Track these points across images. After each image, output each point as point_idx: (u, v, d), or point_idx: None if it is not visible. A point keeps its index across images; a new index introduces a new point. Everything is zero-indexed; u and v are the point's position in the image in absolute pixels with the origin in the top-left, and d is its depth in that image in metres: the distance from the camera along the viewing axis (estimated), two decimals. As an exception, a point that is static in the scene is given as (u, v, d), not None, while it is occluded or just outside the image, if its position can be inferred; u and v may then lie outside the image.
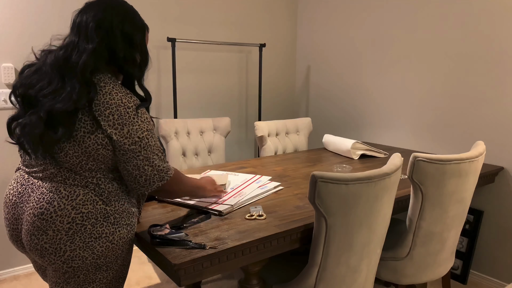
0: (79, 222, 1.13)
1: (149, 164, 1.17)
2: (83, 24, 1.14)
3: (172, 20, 2.82)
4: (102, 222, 1.16)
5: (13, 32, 2.26)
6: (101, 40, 1.13)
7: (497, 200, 2.30)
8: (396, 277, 1.73)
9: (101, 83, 1.12)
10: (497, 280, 2.34)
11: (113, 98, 1.11)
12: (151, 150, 1.17)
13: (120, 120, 1.12)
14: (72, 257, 1.14)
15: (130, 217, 1.23)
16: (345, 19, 3.08)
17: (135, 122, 1.14)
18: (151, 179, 1.18)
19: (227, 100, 3.23)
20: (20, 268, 2.47)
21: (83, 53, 1.11)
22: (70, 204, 1.13)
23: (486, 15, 2.25)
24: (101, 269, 1.19)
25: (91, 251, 1.15)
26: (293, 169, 2.12)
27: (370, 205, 1.30)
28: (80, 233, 1.13)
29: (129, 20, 1.19)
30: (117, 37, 1.16)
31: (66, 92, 1.08)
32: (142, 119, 1.16)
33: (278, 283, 1.52)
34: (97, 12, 1.15)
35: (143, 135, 1.15)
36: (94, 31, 1.13)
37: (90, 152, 1.13)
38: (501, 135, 2.25)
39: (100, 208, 1.16)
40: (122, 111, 1.12)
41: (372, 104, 2.96)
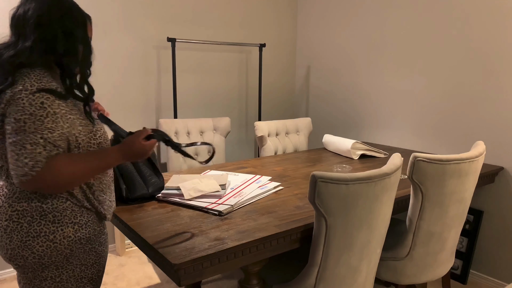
0: (15, 220, 1.13)
1: (16, 152, 1.04)
2: (21, 19, 1.11)
3: (172, 20, 2.82)
4: (39, 220, 1.13)
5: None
6: (39, 37, 1.10)
7: (497, 200, 2.30)
8: (396, 277, 1.73)
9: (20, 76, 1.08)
10: (497, 280, 2.34)
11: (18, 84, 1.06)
12: (24, 137, 1.04)
13: (11, 100, 1.05)
14: (13, 256, 1.14)
15: (79, 216, 1.17)
16: (345, 19, 3.08)
17: (21, 103, 1.04)
18: (15, 169, 1.05)
19: (227, 100, 3.23)
20: (20, 268, 2.47)
21: (16, 47, 1.09)
22: (7, 201, 1.14)
23: (486, 15, 2.25)
24: (49, 268, 1.17)
25: (30, 250, 1.13)
26: (293, 169, 2.12)
27: (370, 205, 1.30)
28: (16, 231, 1.13)
29: (69, 16, 1.15)
30: (57, 33, 1.12)
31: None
32: (33, 102, 1.04)
33: (278, 283, 1.52)
34: (37, 8, 1.11)
35: (21, 117, 1.03)
36: (33, 29, 1.10)
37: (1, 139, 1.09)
38: (501, 135, 2.25)
39: (35, 206, 1.13)
40: (16, 92, 1.05)
41: (372, 104, 2.96)
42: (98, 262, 1.26)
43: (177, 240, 1.22)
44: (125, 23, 2.60)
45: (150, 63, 2.78)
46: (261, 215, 1.43)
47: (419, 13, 2.58)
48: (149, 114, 2.83)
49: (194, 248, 1.16)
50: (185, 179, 1.72)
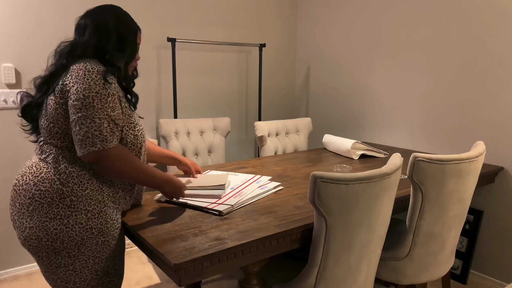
0: (37, 199, 1.19)
1: (85, 124, 1.17)
2: (81, 26, 1.32)
3: (172, 20, 2.82)
4: (57, 202, 1.19)
5: (13, 32, 2.26)
6: (95, 37, 1.28)
7: (497, 200, 2.30)
8: (396, 277, 1.73)
9: (79, 61, 1.24)
10: (497, 280, 2.34)
11: (79, 65, 1.22)
12: (93, 112, 1.17)
13: (76, 79, 1.19)
14: (30, 235, 1.19)
15: (93, 204, 1.23)
16: (345, 19, 3.08)
17: (86, 81, 1.18)
18: (84, 140, 1.17)
19: (227, 100, 3.23)
20: (20, 268, 2.47)
21: (76, 44, 1.29)
22: (33, 180, 1.21)
23: (487, 15, 2.25)
24: (61, 254, 1.21)
25: (45, 231, 1.18)
26: (293, 169, 2.12)
27: (370, 205, 1.30)
28: (37, 211, 1.18)
29: (123, 24, 1.35)
30: (111, 36, 1.30)
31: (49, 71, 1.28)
32: (97, 82, 1.19)
33: (278, 283, 1.52)
34: (96, 17, 1.31)
35: (89, 94, 1.17)
36: (92, 31, 1.29)
37: (52, 113, 1.22)
38: (501, 135, 2.25)
39: (56, 188, 1.19)
40: (81, 73, 1.20)
41: (372, 104, 2.96)
42: (114, 256, 1.31)
43: (177, 240, 1.22)
44: (125, 23, 2.60)
45: (150, 63, 2.78)
46: (261, 215, 1.43)
47: (419, 13, 2.58)
48: (149, 114, 2.83)
49: (194, 248, 1.16)
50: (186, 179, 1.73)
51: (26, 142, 2.38)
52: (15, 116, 2.33)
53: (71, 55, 1.27)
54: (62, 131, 1.23)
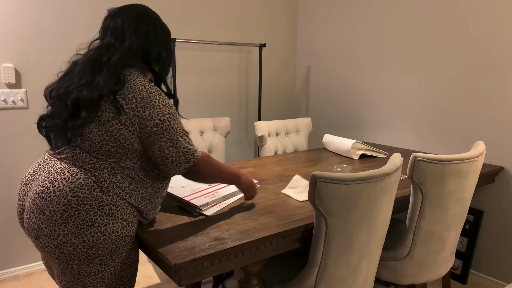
0: (74, 205, 1.14)
1: (174, 146, 1.21)
2: (118, 27, 1.26)
3: (172, 20, 2.82)
4: (96, 210, 1.15)
5: (13, 32, 2.26)
6: (138, 42, 1.26)
7: (497, 200, 2.30)
8: (396, 277, 1.73)
9: (129, 74, 1.21)
10: (497, 280, 2.34)
11: (137, 84, 1.20)
12: (174, 132, 1.22)
13: (142, 103, 1.18)
14: (64, 242, 1.15)
15: (128, 213, 1.22)
16: (345, 19, 3.08)
17: (156, 105, 1.20)
18: (177, 160, 1.22)
19: (227, 100, 3.23)
20: (20, 268, 2.47)
21: (118, 51, 1.22)
22: (69, 186, 1.15)
23: (486, 15, 2.25)
24: (93, 261, 1.18)
25: (82, 239, 1.15)
26: (293, 169, 2.12)
27: (370, 205, 1.30)
28: (73, 217, 1.14)
29: (160, 26, 1.34)
30: (151, 41, 1.29)
31: (95, 83, 1.18)
32: (164, 103, 1.22)
33: (278, 283, 1.52)
34: (132, 19, 1.27)
35: (164, 117, 1.20)
36: (132, 34, 1.25)
37: (113, 132, 1.18)
38: (501, 135, 2.25)
39: (96, 195, 1.16)
40: (144, 95, 1.19)
41: (372, 104, 2.96)
42: (136, 261, 1.31)
43: (177, 240, 1.22)
44: (125, 23, 2.60)
45: (150, 63, 2.78)
46: (261, 215, 1.43)
47: (419, 13, 2.58)
48: (149, 114, 2.83)
49: (194, 248, 1.16)
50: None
51: (26, 142, 2.38)
52: (15, 116, 2.33)
53: (122, 65, 1.21)
54: (115, 150, 1.19)
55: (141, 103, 1.18)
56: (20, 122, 2.35)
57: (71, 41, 2.43)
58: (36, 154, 2.41)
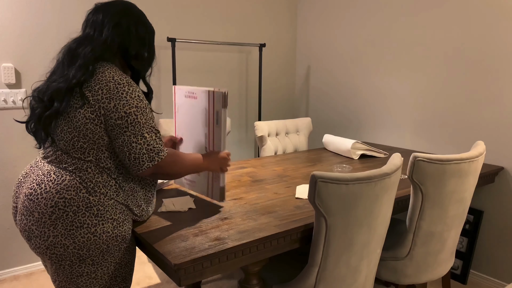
0: (61, 207, 1.14)
1: (137, 142, 1.17)
2: (99, 22, 1.24)
3: (172, 20, 2.82)
4: (84, 211, 1.15)
5: (13, 32, 2.26)
6: (116, 36, 1.24)
7: (497, 200, 2.30)
8: (396, 277, 1.73)
9: (100, 67, 1.19)
10: (497, 280, 2.34)
11: (105, 76, 1.17)
12: (140, 128, 1.17)
13: (108, 94, 1.15)
14: (54, 243, 1.15)
15: (118, 213, 1.21)
16: (345, 19, 3.08)
17: (123, 97, 1.16)
18: (140, 158, 1.18)
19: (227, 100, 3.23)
20: (20, 268, 2.47)
21: (93, 43, 1.21)
22: (55, 188, 1.15)
23: (486, 15, 2.25)
24: (85, 262, 1.18)
25: (72, 240, 1.15)
26: (293, 169, 2.12)
27: (370, 205, 1.30)
28: (62, 219, 1.14)
29: (142, 24, 1.31)
30: (132, 37, 1.27)
31: (67, 75, 1.17)
32: (133, 95, 1.17)
33: (278, 283, 1.52)
34: (114, 14, 1.25)
35: (130, 110, 1.16)
36: (111, 28, 1.23)
37: (80, 127, 1.16)
38: (501, 135, 2.25)
39: (82, 197, 1.16)
40: (111, 86, 1.16)
41: (372, 104, 2.96)
42: (131, 261, 1.31)
43: (177, 240, 1.22)
44: (125, 23, 2.60)
45: (150, 63, 2.78)
46: (261, 215, 1.43)
47: (419, 13, 2.58)
48: (149, 114, 2.83)
49: (194, 248, 1.16)
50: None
51: (26, 142, 2.38)
52: (15, 116, 2.33)
53: (94, 58, 1.19)
54: (87, 146, 1.18)
55: (107, 94, 1.15)
56: (20, 122, 2.35)
57: (71, 41, 2.43)
58: (36, 154, 2.41)
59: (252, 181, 1.87)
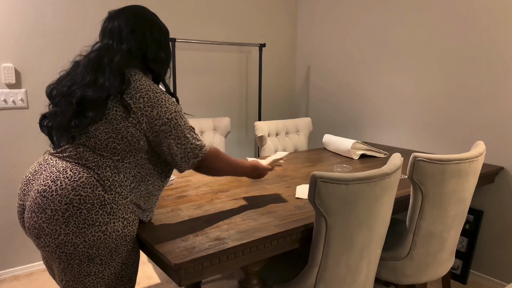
0: (76, 204, 1.14)
1: (181, 143, 1.27)
2: (115, 29, 1.28)
3: (172, 20, 2.82)
4: (97, 209, 1.16)
5: (13, 32, 2.26)
6: (134, 43, 1.27)
7: (497, 200, 2.30)
8: (396, 277, 1.73)
9: (133, 75, 1.24)
10: (497, 280, 2.34)
11: (143, 84, 1.23)
12: (182, 130, 1.27)
13: (150, 102, 1.22)
14: (65, 242, 1.15)
15: (129, 212, 1.22)
16: (345, 19, 3.08)
17: (163, 104, 1.24)
18: (186, 156, 1.29)
19: (227, 100, 3.23)
20: (20, 268, 2.47)
21: (118, 53, 1.24)
22: (71, 185, 1.15)
23: (486, 16, 2.25)
24: (94, 261, 1.18)
25: (82, 238, 1.15)
26: (293, 169, 2.12)
27: (370, 205, 1.30)
28: (75, 216, 1.14)
29: (156, 26, 1.34)
30: (148, 41, 1.30)
31: (99, 83, 1.19)
32: (169, 102, 1.26)
33: (278, 283, 1.52)
34: (128, 20, 1.29)
35: (171, 116, 1.25)
36: (129, 35, 1.27)
37: (120, 130, 1.20)
38: (501, 135, 2.25)
39: (98, 194, 1.16)
40: (151, 95, 1.22)
41: (372, 104, 2.96)
42: (136, 261, 1.32)
43: (177, 240, 1.22)
44: (125, 23, 2.60)
45: (150, 63, 2.78)
46: (261, 215, 1.43)
47: (419, 13, 2.58)
48: (149, 114, 2.83)
49: (194, 248, 1.16)
50: None
51: (26, 142, 2.38)
52: (15, 116, 2.33)
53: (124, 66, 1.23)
54: (121, 148, 1.21)
55: (148, 102, 1.21)
56: (20, 122, 2.35)
57: (71, 41, 2.43)
58: (36, 154, 2.41)
59: (252, 181, 1.87)
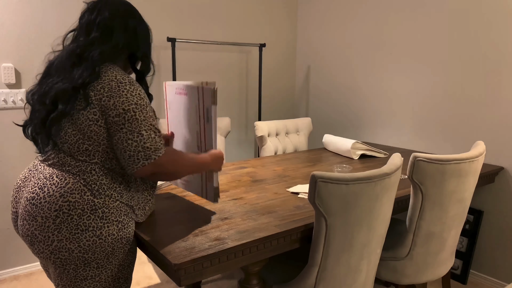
0: (65, 211, 1.13)
1: (133, 139, 1.13)
2: (105, 22, 1.21)
3: (172, 20, 2.82)
4: (89, 214, 1.14)
5: (13, 32, 2.26)
6: (125, 40, 1.23)
7: (497, 200, 2.30)
8: (396, 277, 1.73)
9: (106, 69, 1.18)
10: (497, 280, 2.34)
11: (108, 75, 1.16)
12: (138, 125, 1.13)
13: (109, 92, 1.14)
14: (59, 248, 1.13)
15: (123, 215, 1.21)
16: (345, 19, 3.08)
17: (123, 94, 1.14)
18: (135, 155, 1.13)
19: (227, 100, 3.23)
20: (20, 268, 2.47)
21: (101, 46, 1.19)
22: (59, 191, 1.14)
23: (486, 16, 2.25)
24: (90, 265, 1.17)
25: (77, 243, 1.13)
26: (293, 169, 2.12)
27: (370, 205, 1.30)
28: (66, 223, 1.13)
29: (144, 23, 1.31)
30: (139, 39, 1.27)
31: (71, 76, 1.15)
32: (134, 93, 1.15)
33: (278, 283, 1.52)
34: (120, 14, 1.23)
35: (129, 107, 1.13)
36: (121, 32, 1.22)
37: (84, 129, 1.14)
38: (501, 135, 2.25)
39: (87, 199, 1.14)
40: (113, 85, 1.14)
41: (372, 104, 2.96)
42: (133, 262, 1.31)
43: (177, 240, 1.22)
44: (125, 23, 2.60)
45: (150, 63, 2.78)
46: (261, 215, 1.43)
47: (420, 13, 2.58)
48: (149, 114, 2.83)
49: (194, 248, 1.16)
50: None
51: (25, 142, 2.38)
52: (15, 116, 2.33)
53: (102, 60, 1.18)
54: (92, 149, 1.17)
55: (108, 92, 1.13)
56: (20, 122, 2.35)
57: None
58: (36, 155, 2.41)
59: (252, 181, 1.87)
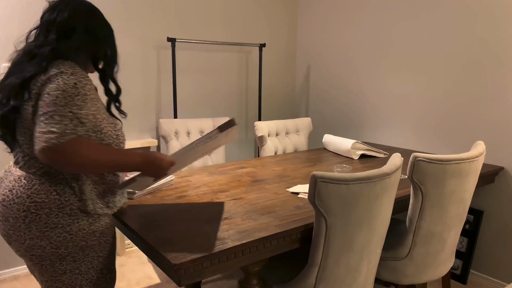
0: (33, 211, 1.16)
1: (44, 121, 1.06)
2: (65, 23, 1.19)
3: (172, 20, 2.82)
4: (57, 212, 1.17)
5: (13, 32, 2.26)
6: (85, 41, 1.21)
7: (497, 200, 2.30)
8: (396, 277, 1.73)
9: (56, 64, 1.14)
10: (497, 280, 2.34)
11: (54, 69, 1.12)
12: (53, 110, 1.06)
13: (47, 81, 1.10)
14: (32, 246, 1.18)
15: (92, 209, 1.22)
16: (345, 19, 3.08)
17: (55, 81, 1.09)
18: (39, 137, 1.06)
19: (227, 100, 3.23)
20: (20, 268, 2.47)
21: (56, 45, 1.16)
22: (26, 193, 1.16)
23: (486, 17, 2.25)
24: (66, 259, 1.20)
25: (48, 240, 1.17)
26: (293, 169, 2.12)
27: (370, 205, 1.30)
28: (35, 222, 1.16)
29: (105, 23, 1.29)
30: (99, 40, 1.25)
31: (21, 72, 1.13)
32: (67, 82, 1.10)
33: (278, 283, 1.52)
34: (81, 15, 1.21)
35: (54, 92, 1.07)
36: (82, 33, 1.20)
37: (30, 126, 1.14)
38: (501, 135, 2.25)
39: (53, 199, 1.17)
40: (52, 74, 1.11)
41: (372, 104, 2.96)
42: (113, 253, 1.33)
43: (177, 240, 1.22)
44: (125, 23, 2.60)
45: (150, 63, 2.78)
46: (261, 215, 1.43)
47: (420, 13, 2.58)
48: (149, 114, 2.83)
49: (194, 248, 1.16)
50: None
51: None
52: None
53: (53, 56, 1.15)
54: None
55: (47, 80, 1.10)
56: None
57: (71, 41, 2.43)
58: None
59: (252, 181, 1.87)
